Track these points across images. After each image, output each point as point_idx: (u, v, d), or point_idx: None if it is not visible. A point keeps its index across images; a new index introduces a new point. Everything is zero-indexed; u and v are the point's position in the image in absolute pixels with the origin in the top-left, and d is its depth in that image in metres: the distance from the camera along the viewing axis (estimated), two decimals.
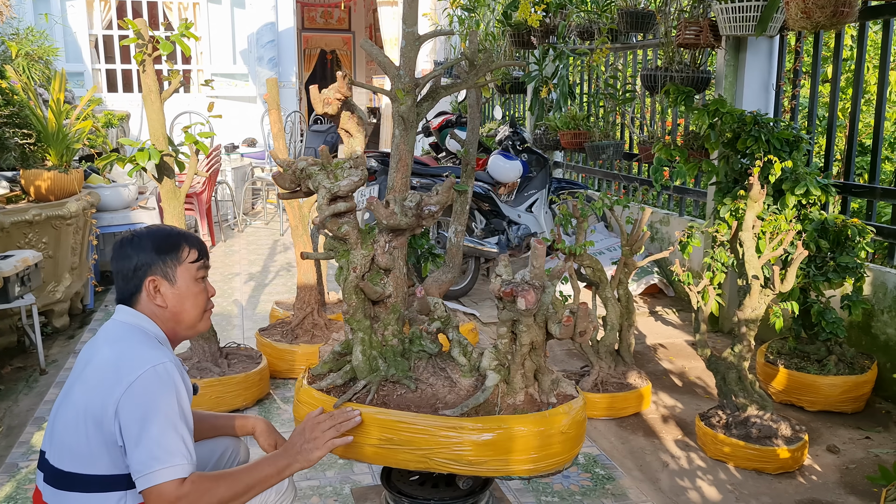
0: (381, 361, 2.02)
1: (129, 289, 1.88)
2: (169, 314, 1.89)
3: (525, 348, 1.89)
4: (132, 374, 1.70)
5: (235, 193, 8.43)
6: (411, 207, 2.07)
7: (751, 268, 3.33)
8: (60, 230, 4.70)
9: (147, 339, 1.82)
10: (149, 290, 1.87)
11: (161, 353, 1.76)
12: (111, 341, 1.81)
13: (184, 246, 1.92)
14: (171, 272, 1.89)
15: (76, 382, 1.79)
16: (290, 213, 4.29)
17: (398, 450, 1.90)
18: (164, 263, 1.88)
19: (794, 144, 3.94)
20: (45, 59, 6.68)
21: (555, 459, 1.92)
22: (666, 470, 3.20)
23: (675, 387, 4.07)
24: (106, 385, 1.71)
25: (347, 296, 2.06)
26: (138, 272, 1.87)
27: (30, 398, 3.88)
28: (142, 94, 3.61)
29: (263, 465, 1.82)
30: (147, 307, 1.88)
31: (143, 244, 1.89)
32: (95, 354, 1.80)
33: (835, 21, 3.85)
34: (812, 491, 3.02)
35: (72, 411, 1.74)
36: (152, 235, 1.92)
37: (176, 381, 1.74)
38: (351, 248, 2.09)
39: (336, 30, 17.03)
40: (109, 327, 1.87)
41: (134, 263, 1.87)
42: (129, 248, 1.89)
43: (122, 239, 1.93)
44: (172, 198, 3.65)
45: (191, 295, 1.91)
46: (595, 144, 5.72)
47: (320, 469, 3.11)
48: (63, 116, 4.82)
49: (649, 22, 5.29)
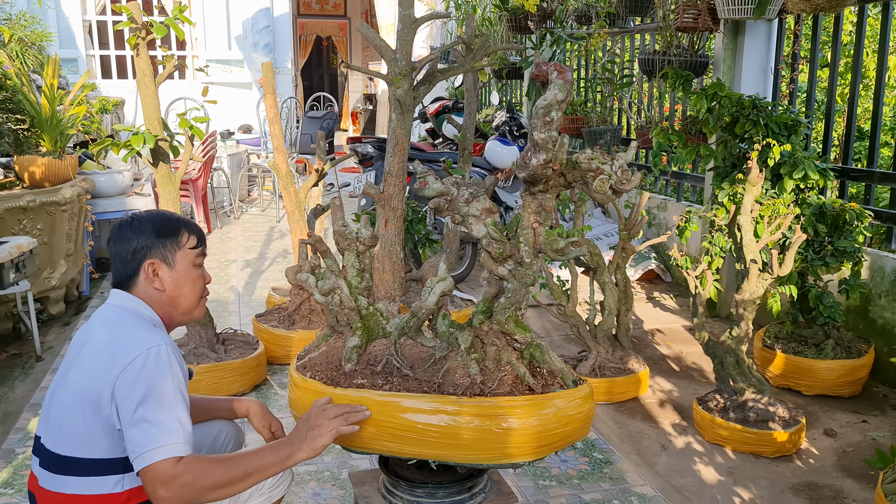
0: None
1: (127, 272, 1.86)
2: (166, 298, 1.88)
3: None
4: (128, 356, 1.69)
5: (231, 180, 8.40)
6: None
7: (749, 251, 3.32)
8: (55, 216, 4.67)
9: (142, 322, 1.81)
10: (147, 273, 1.85)
11: (157, 336, 1.75)
12: (106, 324, 1.80)
13: (183, 231, 1.91)
14: (171, 256, 1.88)
15: (72, 366, 1.78)
16: (287, 199, 4.27)
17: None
18: (164, 247, 1.87)
19: (793, 129, 3.93)
20: (38, 45, 6.63)
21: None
22: (664, 453, 3.20)
23: (672, 371, 4.07)
24: (102, 368, 1.69)
25: None
26: (137, 255, 1.85)
27: (26, 384, 3.87)
28: (136, 79, 3.57)
29: (265, 452, 1.77)
30: (144, 291, 1.86)
31: (143, 227, 1.87)
32: (90, 337, 1.79)
33: (834, 3, 3.84)
34: (809, 474, 3.03)
35: (68, 395, 1.73)
36: (152, 219, 1.91)
37: (172, 363, 1.73)
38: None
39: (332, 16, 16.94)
40: (104, 311, 1.85)
41: (133, 246, 1.85)
42: (128, 231, 1.87)
43: (122, 222, 1.91)
44: (168, 183, 3.62)
45: (188, 280, 1.90)
46: (592, 130, 5.70)
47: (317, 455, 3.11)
48: (57, 102, 4.78)
49: (648, 5, 5.26)
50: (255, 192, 9.50)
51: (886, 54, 3.98)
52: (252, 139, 9.31)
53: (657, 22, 5.17)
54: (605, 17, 5.51)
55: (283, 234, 7.39)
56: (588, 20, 5.75)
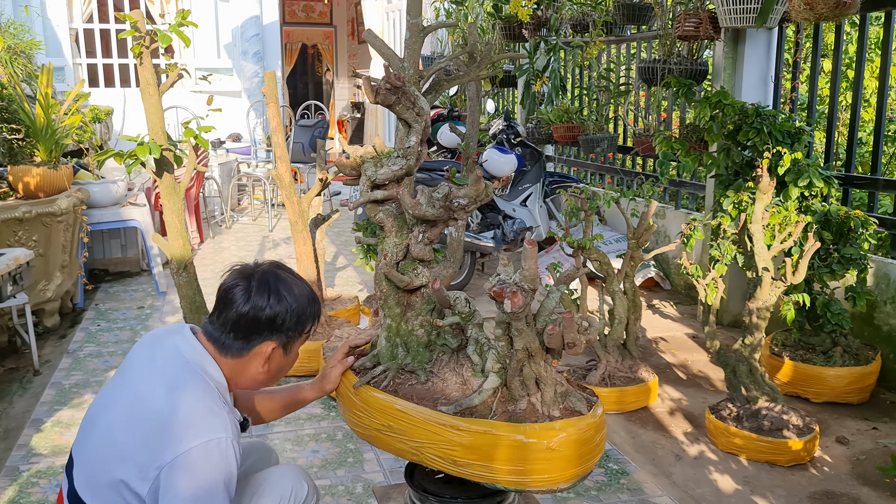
0: (400, 350, 2.00)
1: (239, 337, 1.68)
2: (259, 378, 1.75)
3: (520, 353, 1.79)
4: (186, 443, 1.54)
5: (222, 189, 8.32)
6: (439, 199, 2.03)
7: (761, 260, 3.32)
8: (51, 228, 4.59)
9: (209, 392, 1.65)
10: (262, 353, 1.70)
11: (221, 423, 1.60)
12: (170, 386, 1.62)
13: (316, 320, 1.79)
14: (293, 344, 1.76)
15: (125, 418, 1.62)
16: (290, 208, 4.22)
17: (395, 438, 1.88)
18: (299, 332, 1.75)
19: (796, 136, 3.94)
20: (27, 53, 6.53)
21: (541, 477, 1.78)
22: (679, 463, 3.19)
23: (679, 380, 4.06)
24: (154, 444, 1.56)
25: (378, 282, 2.05)
26: (267, 332, 1.69)
27: (25, 400, 3.79)
28: (140, 88, 3.52)
29: None
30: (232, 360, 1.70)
31: (285, 300, 1.70)
32: (150, 396, 1.62)
33: (837, 12, 3.85)
34: (825, 483, 3.02)
35: (108, 447, 1.61)
36: (302, 295, 1.74)
37: (229, 459, 1.58)
38: (385, 235, 2.06)
39: (317, 24, 16.88)
40: (171, 361, 1.67)
41: (268, 318, 1.67)
42: (271, 296, 1.68)
43: (264, 280, 1.70)
44: (172, 193, 3.57)
45: (289, 366, 1.80)
46: (589, 138, 5.70)
47: (330, 468, 3.06)
48: (52, 111, 4.71)
49: (645, 14, 5.27)
50: (246, 202, 9.42)
51: (889, 62, 4.01)
52: (242, 148, 9.23)
53: (655, 30, 5.18)
54: (602, 26, 5.51)
55: (275, 244, 7.32)
56: (584, 28, 5.75)
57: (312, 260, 4.24)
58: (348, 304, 4.71)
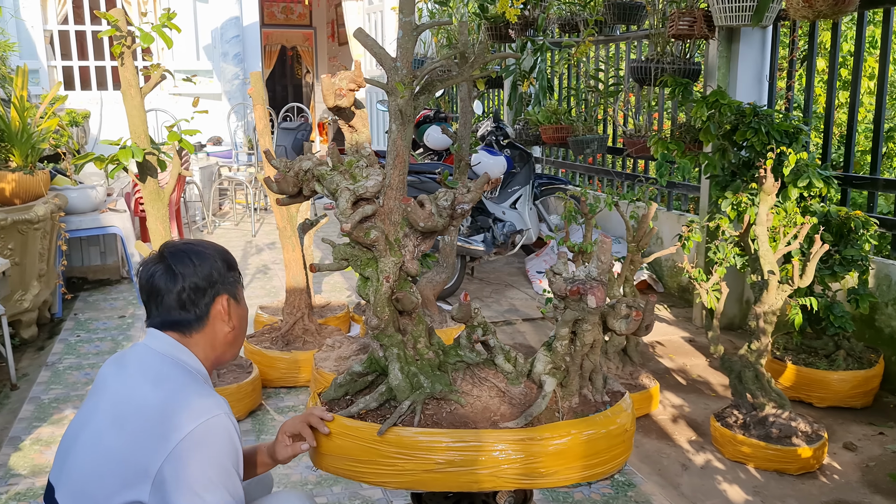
0: (422, 378, 1.84)
1: (192, 311, 1.63)
2: (230, 338, 1.69)
3: (586, 348, 1.80)
4: (183, 427, 1.47)
5: (203, 194, 8.15)
6: (446, 207, 1.92)
7: (766, 262, 3.24)
8: (27, 235, 4.42)
9: (192, 379, 1.59)
10: (221, 311, 1.65)
11: (213, 402, 1.53)
12: (154, 380, 1.56)
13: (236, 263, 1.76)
14: (237, 290, 1.70)
15: (108, 425, 1.52)
16: (278, 214, 4.09)
17: (455, 473, 1.71)
18: (235, 280, 1.70)
19: (794, 136, 3.88)
20: (0, 56, 6.34)
21: (620, 459, 1.86)
22: (686, 473, 3.09)
23: (679, 385, 3.98)
24: (150, 439, 1.47)
25: (380, 309, 1.88)
26: (209, 291, 1.64)
27: (2, 416, 3.62)
28: (121, 90, 3.37)
29: None
30: (203, 335, 1.64)
31: (207, 258, 1.66)
32: (134, 394, 1.54)
33: (836, 10, 3.79)
34: (836, 491, 2.94)
35: (101, 458, 1.50)
36: (215, 248, 1.71)
37: (231, 433, 1.52)
38: (380, 255, 1.91)
39: (297, 25, 16.70)
40: (146, 359, 1.61)
41: (198, 281, 1.63)
42: (187, 263, 1.63)
43: (176, 250, 1.66)
44: (156, 199, 3.42)
45: (246, 315, 1.73)
46: (578, 139, 5.61)
47: (326, 485, 2.94)
48: (27, 115, 4.54)
49: (636, 13, 5.20)
50: (227, 206, 9.25)
51: (888, 60, 3.96)
52: (223, 151, 9.07)
53: (645, 29, 5.11)
54: (593, 25, 5.43)
55: (259, 249, 7.17)
56: (572, 28, 5.67)
57: (301, 266, 4.12)
58: (338, 312, 4.59)
